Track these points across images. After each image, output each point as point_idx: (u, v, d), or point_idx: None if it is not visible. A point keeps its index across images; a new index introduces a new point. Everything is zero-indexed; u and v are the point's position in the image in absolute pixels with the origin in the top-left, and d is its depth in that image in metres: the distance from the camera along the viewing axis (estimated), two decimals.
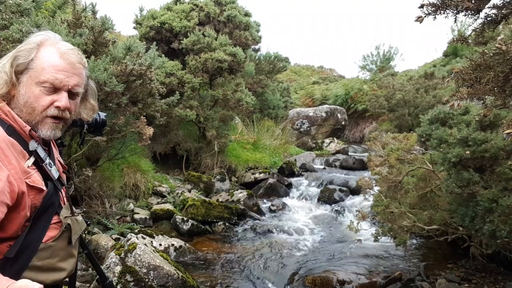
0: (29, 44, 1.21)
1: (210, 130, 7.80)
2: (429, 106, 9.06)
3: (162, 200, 6.30)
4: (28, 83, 1.18)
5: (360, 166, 9.53)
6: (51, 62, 1.19)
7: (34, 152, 1.20)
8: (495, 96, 2.10)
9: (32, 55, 1.18)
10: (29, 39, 1.23)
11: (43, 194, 1.20)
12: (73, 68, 1.22)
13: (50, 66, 1.18)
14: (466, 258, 4.23)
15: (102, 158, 5.45)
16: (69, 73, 1.21)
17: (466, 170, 3.44)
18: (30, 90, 1.18)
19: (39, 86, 1.17)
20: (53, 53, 1.20)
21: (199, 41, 7.70)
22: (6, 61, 1.19)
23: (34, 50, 1.19)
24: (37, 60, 1.19)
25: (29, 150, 1.19)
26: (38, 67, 1.18)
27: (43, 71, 1.18)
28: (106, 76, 4.09)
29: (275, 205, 6.88)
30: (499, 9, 1.86)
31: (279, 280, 4.17)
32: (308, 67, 28.23)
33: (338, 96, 16.65)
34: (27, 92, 1.18)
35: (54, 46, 1.22)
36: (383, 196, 4.52)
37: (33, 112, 1.18)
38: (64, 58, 1.21)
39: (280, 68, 12.15)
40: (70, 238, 1.30)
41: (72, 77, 1.22)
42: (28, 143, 1.19)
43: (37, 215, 1.19)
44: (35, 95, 1.18)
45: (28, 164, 1.17)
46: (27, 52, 1.19)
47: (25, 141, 1.19)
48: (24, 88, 1.18)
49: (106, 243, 4.35)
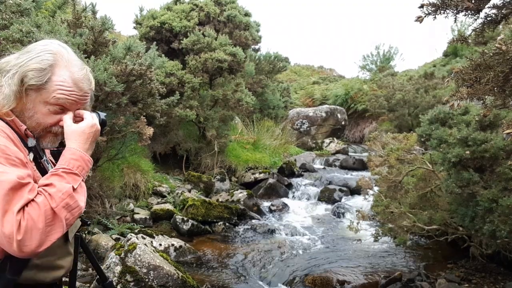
0: (41, 63, 1.18)
1: (210, 130, 7.80)
2: (429, 106, 9.06)
3: (162, 200, 6.30)
4: (36, 100, 1.19)
5: (360, 166, 9.53)
6: (64, 88, 1.20)
7: (33, 148, 1.22)
8: (495, 96, 2.10)
9: (46, 78, 1.18)
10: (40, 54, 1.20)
11: None
12: (83, 94, 1.26)
13: (62, 91, 1.20)
14: (466, 258, 4.23)
15: (102, 158, 5.45)
16: (79, 98, 1.25)
17: (466, 170, 3.44)
18: (38, 107, 1.20)
19: (47, 105, 1.20)
20: (67, 78, 1.21)
21: (199, 41, 7.70)
22: (15, 72, 1.17)
23: (48, 73, 1.18)
24: (50, 82, 1.19)
25: (27, 146, 1.21)
26: (50, 89, 1.19)
27: (55, 93, 1.19)
28: (106, 76, 4.09)
29: (275, 205, 6.88)
30: (499, 9, 1.86)
31: (279, 280, 4.17)
32: (308, 67, 28.22)
33: (338, 96, 16.65)
34: (34, 108, 1.20)
35: (68, 69, 1.22)
36: (383, 196, 4.52)
37: (38, 127, 1.22)
38: (77, 85, 1.23)
39: (280, 68, 12.16)
40: (67, 235, 1.31)
41: (81, 102, 1.26)
42: (26, 140, 1.21)
43: None
44: (42, 113, 1.20)
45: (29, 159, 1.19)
46: (40, 73, 1.17)
47: (22, 138, 1.21)
48: (32, 104, 1.19)
49: (106, 243, 4.35)
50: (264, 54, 11.67)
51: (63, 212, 1.06)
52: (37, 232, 1.01)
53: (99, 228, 4.75)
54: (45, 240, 1.03)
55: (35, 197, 1.04)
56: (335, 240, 5.45)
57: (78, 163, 1.17)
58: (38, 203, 1.04)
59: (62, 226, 1.07)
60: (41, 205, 1.03)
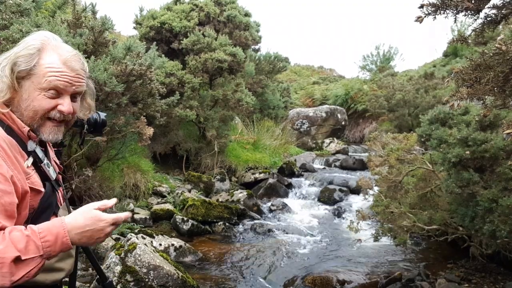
0: (28, 49, 1.19)
1: (210, 130, 7.80)
2: (429, 106, 9.06)
3: (162, 200, 6.30)
4: (30, 89, 1.18)
5: (360, 166, 9.53)
6: (54, 68, 1.18)
7: (33, 152, 1.20)
8: (495, 96, 2.10)
9: (34, 62, 1.17)
10: (28, 42, 1.21)
11: (40, 195, 1.20)
12: (76, 74, 1.23)
13: (53, 73, 1.18)
14: (466, 258, 4.23)
15: (102, 158, 5.45)
16: (72, 79, 1.22)
17: (466, 170, 3.44)
18: (32, 95, 1.18)
19: (42, 91, 1.18)
20: (55, 60, 1.20)
21: (199, 41, 7.70)
22: (5, 64, 1.17)
23: (36, 57, 1.18)
24: (39, 66, 1.18)
25: (27, 151, 1.19)
26: (41, 73, 1.17)
27: (46, 77, 1.17)
28: (106, 76, 4.09)
29: (275, 205, 6.88)
30: (499, 9, 1.86)
31: (279, 280, 4.17)
32: (308, 67, 28.22)
33: (338, 96, 16.65)
34: (29, 97, 1.18)
35: (55, 52, 1.21)
36: (383, 196, 4.52)
37: (35, 115, 1.19)
38: (67, 65, 1.21)
39: (280, 68, 12.16)
40: None
41: (75, 83, 1.23)
42: (26, 143, 1.20)
43: (35, 216, 1.19)
44: (38, 99, 1.18)
45: (27, 164, 1.17)
46: (28, 58, 1.18)
47: (23, 141, 1.19)
48: (27, 93, 1.18)
49: (106, 243, 4.35)
50: (264, 54, 11.67)
51: None
52: None
53: None
54: None
55: None
56: (335, 240, 5.45)
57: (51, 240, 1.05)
58: None
59: None
60: None
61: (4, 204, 1.05)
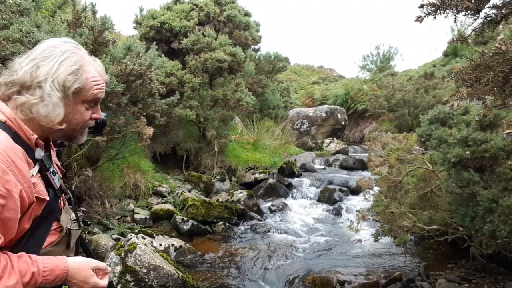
0: (74, 64, 1.18)
1: (210, 130, 7.80)
2: (429, 106, 9.07)
3: (162, 200, 6.30)
4: (76, 102, 1.20)
5: (360, 166, 9.53)
6: (97, 82, 1.23)
7: (40, 160, 1.19)
8: (495, 96, 2.10)
9: (83, 79, 1.20)
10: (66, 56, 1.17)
11: (45, 203, 1.18)
12: (104, 83, 1.29)
13: (97, 86, 1.23)
14: (466, 258, 4.23)
15: (102, 158, 5.45)
16: (103, 87, 1.28)
17: (466, 170, 3.44)
18: (77, 108, 1.21)
19: (85, 103, 1.23)
20: (94, 72, 1.24)
21: (199, 41, 7.70)
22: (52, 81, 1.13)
23: (84, 73, 1.20)
24: (86, 81, 1.21)
25: (34, 158, 1.17)
26: (87, 87, 1.21)
27: (92, 91, 1.22)
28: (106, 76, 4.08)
29: (275, 205, 6.88)
30: (499, 9, 1.86)
31: (279, 280, 4.17)
32: (308, 67, 28.23)
33: (338, 96, 16.65)
34: (74, 110, 1.20)
35: (91, 65, 1.24)
36: (383, 196, 4.52)
37: (78, 127, 1.25)
38: (101, 75, 1.27)
39: (280, 68, 12.16)
40: (70, 242, 1.30)
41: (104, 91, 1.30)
42: (34, 150, 1.17)
43: (38, 222, 1.18)
44: (81, 112, 1.23)
45: (32, 173, 1.15)
46: (77, 75, 1.17)
47: (30, 148, 1.16)
48: (71, 107, 1.19)
49: (106, 243, 4.35)
50: (264, 54, 11.68)
51: None
52: None
53: (99, 228, 4.75)
54: None
55: None
56: (335, 240, 5.45)
57: (47, 282, 1.13)
58: None
59: None
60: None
61: (4, 219, 1.03)
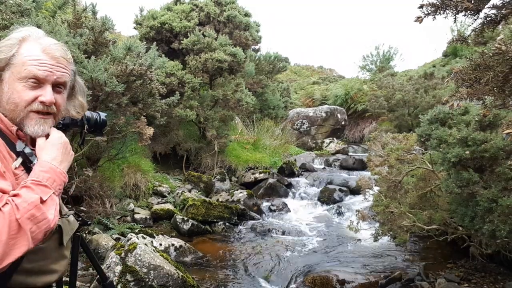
0: (10, 39, 1.17)
1: (210, 130, 7.81)
2: (428, 106, 9.07)
3: (162, 200, 6.30)
4: (10, 80, 1.15)
5: (360, 166, 9.54)
6: (33, 57, 1.15)
7: (22, 152, 1.16)
8: (495, 96, 2.11)
9: (14, 51, 1.15)
10: (11, 35, 1.19)
11: None
12: (57, 62, 1.19)
13: (32, 61, 1.15)
14: (465, 258, 4.23)
15: (102, 158, 5.46)
16: (52, 66, 1.18)
17: (466, 170, 3.44)
18: (12, 87, 1.14)
19: (21, 81, 1.14)
20: (35, 48, 1.17)
21: (199, 41, 7.71)
22: None
23: (16, 46, 1.16)
24: (18, 56, 1.15)
25: (16, 151, 1.15)
26: (20, 62, 1.14)
27: (25, 66, 1.14)
28: (106, 76, 4.09)
29: (275, 205, 6.88)
30: (498, 9, 1.86)
31: (279, 280, 4.18)
32: (308, 67, 28.25)
33: (338, 96, 16.67)
34: (10, 89, 1.14)
35: (36, 41, 1.19)
36: (383, 196, 4.52)
37: (16, 108, 1.14)
38: (47, 52, 1.18)
39: (280, 68, 12.17)
40: (61, 239, 1.26)
41: (56, 71, 1.18)
42: (15, 143, 1.16)
43: None
44: (17, 90, 1.14)
45: (15, 165, 1.13)
46: (8, 47, 1.15)
47: (11, 141, 1.15)
48: (7, 85, 1.15)
49: (107, 243, 4.35)
50: (264, 54, 11.69)
51: (28, 224, 0.96)
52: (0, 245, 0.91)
53: (99, 228, 4.75)
54: (7, 254, 0.92)
55: (2, 206, 0.95)
56: (335, 240, 5.45)
57: (48, 175, 1.09)
58: (4, 212, 0.94)
59: (27, 239, 0.96)
60: (7, 215, 0.94)
61: None
